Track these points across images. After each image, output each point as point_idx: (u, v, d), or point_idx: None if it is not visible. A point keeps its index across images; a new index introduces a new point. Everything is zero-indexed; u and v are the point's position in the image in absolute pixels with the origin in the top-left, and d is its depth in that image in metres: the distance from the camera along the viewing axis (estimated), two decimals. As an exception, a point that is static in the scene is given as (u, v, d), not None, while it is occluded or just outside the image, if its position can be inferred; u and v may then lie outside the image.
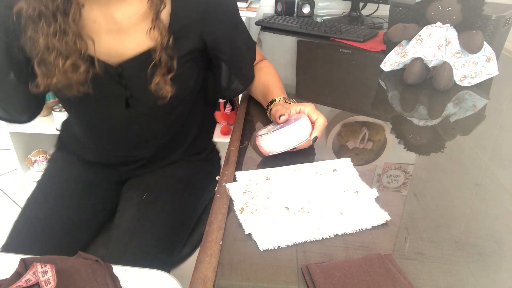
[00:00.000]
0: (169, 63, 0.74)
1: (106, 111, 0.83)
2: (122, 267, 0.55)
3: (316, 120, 0.74)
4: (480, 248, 0.55)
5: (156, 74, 0.74)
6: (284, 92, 0.89)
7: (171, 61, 0.74)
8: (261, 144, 0.72)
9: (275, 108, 0.80)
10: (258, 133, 0.75)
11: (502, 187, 0.69)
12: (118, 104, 0.81)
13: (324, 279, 0.48)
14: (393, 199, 0.65)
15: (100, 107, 0.82)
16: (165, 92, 0.75)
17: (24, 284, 0.49)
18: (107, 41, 0.73)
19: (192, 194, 0.96)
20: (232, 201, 0.63)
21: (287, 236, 0.55)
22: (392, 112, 0.96)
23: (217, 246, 0.55)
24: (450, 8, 1.00)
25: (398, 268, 0.51)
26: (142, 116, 0.84)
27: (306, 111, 0.76)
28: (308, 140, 0.72)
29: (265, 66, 0.97)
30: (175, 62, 0.74)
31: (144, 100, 0.80)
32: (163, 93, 0.75)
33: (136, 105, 0.81)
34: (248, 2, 1.66)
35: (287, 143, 0.71)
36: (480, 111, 0.96)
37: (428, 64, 1.06)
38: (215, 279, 0.50)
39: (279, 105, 0.81)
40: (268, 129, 0.76)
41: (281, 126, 0.73)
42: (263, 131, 0.76)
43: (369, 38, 1.47)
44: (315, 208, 0.61)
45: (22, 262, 0.53)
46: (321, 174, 0.69)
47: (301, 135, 0.71)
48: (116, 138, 0.89)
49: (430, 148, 0.80)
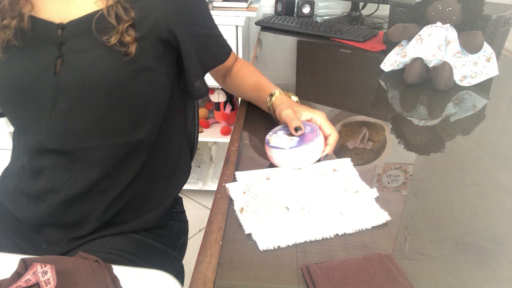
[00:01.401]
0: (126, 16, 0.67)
1: (33, 75, 0.69)
2: (122, 267, 0.55)
3: (329, 136, 0.72)
4: (480, 248, 0.55)
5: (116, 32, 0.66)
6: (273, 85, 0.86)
7: (128, 13, 0.67)
8: (273, 156, 0.70)
9: (285, 111, 0.75)
10: (270, 141, 0.72)
11: (502, 187, 0.69)
12: (46, 69, 0.68)
13: (324, 279, 0.48)
14: (393, 199, 0.65)
15: (28, 67, 0.69)
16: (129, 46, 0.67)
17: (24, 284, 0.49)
18: (53, 4, 0.69)
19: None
20: (232, 201, 0.63)
21: (287, 236, 0.55)
22: (392, 112, 0.96)
23: (217, 246, 0.55)
24: (450, 8, 1.00)
25: (398, 268, 0.51)
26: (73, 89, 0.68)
27: (318, 122, 0.74)
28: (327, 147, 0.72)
29: (245, 66, 0.91)
30: (132, 12, 0.67)
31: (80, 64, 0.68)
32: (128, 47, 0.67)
33: (67, 71, 0.68)
34: (248, 2, 1.66)
35: (301, 160, 0.70)
36: (480, 111, 0.96)
37: (428, 64, 1.06)
38: (215, 279, 0.50)
39: (284, 104, 0.77)
40: (278, 136, 0.73)
41: (298, 141, 0.70)
42: (274, 139, 0.72)
43: (369, 38, 1.47)
44: (315, 208, 0.61)
45: (22, 262, 0.53)
46: (321, 174, 0.69)
47: (315, 154, 0.70)
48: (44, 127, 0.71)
49: (430, 148, 0.80)
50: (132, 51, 0.67)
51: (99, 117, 0.70)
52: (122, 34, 0.66)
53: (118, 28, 0.66)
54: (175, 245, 0.88)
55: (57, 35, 0.68)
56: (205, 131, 1.97)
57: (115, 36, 0.66)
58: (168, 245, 0.85)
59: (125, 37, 0.67)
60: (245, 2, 1.62)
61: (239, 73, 0.90)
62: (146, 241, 0.80)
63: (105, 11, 0.66)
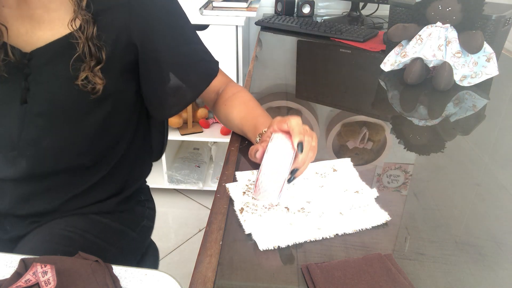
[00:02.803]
0: (98, 55, 0.66)
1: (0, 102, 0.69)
2: (122, 267, 0.55)
3: (288, 126, 0.62)
4: (480, 248, 0.55)
5: (84, 69, 0.65)
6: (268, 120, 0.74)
7: (100, 52, 0.66)
8: (261, 199, 0.61)
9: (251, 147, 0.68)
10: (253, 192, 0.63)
11: (502, 187, 0.69)
12: (13, 97, 0.68)
13: (324, 279, 0.48)
14: (393, 199, 0.65)
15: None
16: (97, 85, 0.66)
17: (24, 284, 0.49)
18: (18, 28, 0.66)
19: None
20: (232, 201, 0.63)
21: (287, 236, 0.55)
22: (392, 112, 0.96)
23: (217, 246, 0.55)
24: (450, 8, 1.00)
25: (398, 268, 0.51)
26: (40, 118, 0.69)
27: (275, 127, 0.64)
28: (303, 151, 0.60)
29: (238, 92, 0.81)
30: (103, 53, 0.66)
31: (46, 95, 0.67)
32: (95, 86, 0.66)
33: (34, 101, 0.68)
34: (248, 2, 1.66)
35: (278, 177, 0.59)
36: (480, 111, 0.96)
37: (428, 64, 1.06)
38: (215, 279, 0.50)
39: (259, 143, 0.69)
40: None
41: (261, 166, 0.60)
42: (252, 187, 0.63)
43: (369, 38, 1.47)
44: (315, 208, 0.61)
45: (22, 262, 0.53)
46: (321, 174, 0.68)
47: (284, 156, 0.59)
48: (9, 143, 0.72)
49: (430, 148, 0.80)
50: (99, 91, 0.67)
51: (67, 143, 0.72)
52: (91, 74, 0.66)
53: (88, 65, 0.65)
54: (135, 226, 0.89)
55: (23, 64, 0.66)
56: (205, 131, 1.97)
57: (83, 74, 0.65)
58: (126, 226, 0.86)
59: (94, 77, 0.66)
60: (245, 2, 1.62)
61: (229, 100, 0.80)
62: (102, 221, 0.81)
63: (80, 48, 0.64)
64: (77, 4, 0.64)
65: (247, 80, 1.11)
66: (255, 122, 0.73)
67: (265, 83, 1.10)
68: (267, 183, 0.59)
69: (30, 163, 0.72)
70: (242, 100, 0.79)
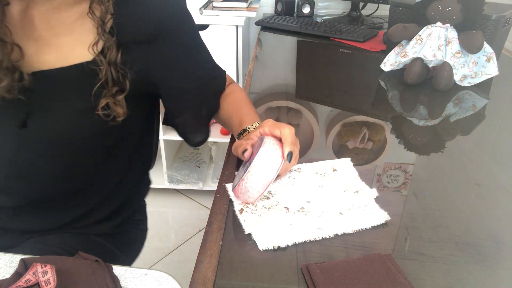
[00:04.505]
0: (121, 81, 0.62)
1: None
2: (122, 267, 0.55)
3: (280, 133, 0.63)
4: (480, 248, 0.55)
5: (105, 95, 0.62)
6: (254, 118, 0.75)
7: (124, 79, 0.62)
8: (240, 198, 0.62)
9: (237, 142, 0.69)
10: (232, 186, 0.64)
11: (502, 187, 0.69)
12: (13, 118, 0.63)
13: (324, 279, 0.48)
14: (393, 199, 0.65)
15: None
16: (117, 114, 0.63)
17: (24, 284, 0.49)
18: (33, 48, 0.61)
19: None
20: (232, 201, 0.63)
21: (287, 236, 0.55)
22: (392, 112, 0.96)
23: (217, 246, 0.55)
24: (450, 8, 1.00)
25: (398, 268, 0.51)
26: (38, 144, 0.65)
27: (266, 130, 0.65)
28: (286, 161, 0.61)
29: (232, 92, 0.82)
30: (127, 81, 0.63)
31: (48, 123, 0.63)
32: (116, 115, 0.63)
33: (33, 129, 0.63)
34: (248, 2, 1.66)
35: (264, 181, 0.60)
36: (480, 111, 0.96)
37: (428, 64, 1.06)
38: (215, 279, 0.50)
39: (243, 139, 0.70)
40: (238, 175, 0.64)
41: (247, 165, 0.62)
42: (236, 180, 0.64)
43: (369, 38, 1.47)
44: (315, 208, 0.61)
45: (22, 262, 0.53)
46: (321, 174, 0.68)
47: (273, 162, 0.60)
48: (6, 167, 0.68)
49: (430, 148, 0.80)
50: (119, 121, 0.63)
51: (65, 168, 0.68)
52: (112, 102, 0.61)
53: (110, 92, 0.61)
54: (127, 249, 0.87)
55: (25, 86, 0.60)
56: (205, 131, 1.97)
57: (104, 101, 0.61)
58: (119, 248, 0.84)
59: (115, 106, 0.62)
60: (245, 2, 1.62)
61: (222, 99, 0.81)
62: (97, 240, 0.79)
63: (102, 74, 0.60)
64: (100, 26, 0.59)
65: (247, 80, 1.11)
66: (242, 117, 0.74)
67: (265, 83, 1.10)
68: (251, 184, 0.60)
69: (26, 187, 0.69)
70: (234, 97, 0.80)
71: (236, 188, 0.61)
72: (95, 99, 0.62)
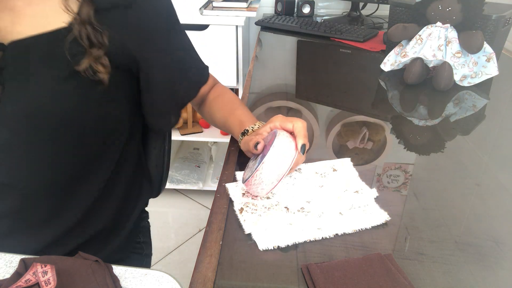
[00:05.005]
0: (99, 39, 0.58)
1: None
2: (122, 267, 0.55)
3: (293, 127, 0.64)
4: (480, 248, 0.55)
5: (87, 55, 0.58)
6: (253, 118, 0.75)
7: (101, 36, 0.58)
8: (252, 191, 0.62)
9: (247, 138, 0.69)
10: (244, 178, 0.64)
11: (502, 187, 0.69)
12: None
13: (324, 279, 0.48)
14: (393, 199, 0.65)
15: None
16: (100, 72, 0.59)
17: (24, 284, 0.49)
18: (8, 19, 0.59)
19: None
20: (232, 201, 0.63)
21: (287, 236, 0.55)
22: (392, 112, 0.96)
23: (217, 246, 0.55)
24: (450, 8, 1.00)
25: (398, 268, 0.51)
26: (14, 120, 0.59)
27: (277, 124, 0.66)
28: (299, 154, 0.62)
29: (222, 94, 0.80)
30: (105, 37, 0.58)
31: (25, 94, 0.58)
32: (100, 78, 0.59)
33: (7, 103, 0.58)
34: (248, 2, 1.66)
35: (278, 172, 0.60)
36: (480, 111, 0.96)
37: (428, 64, 1.06)
38: (215, 279, 0.50)
39: (252, 135, 0.69)
40: (250, 168, 0.64)
41: (260, 157, 0.62)
42: (247, 173, 0.64)
43: (369, 38, 1.47)
44: (315, 208, 0.61)
45: (22, 262, 0.53)
46: (321, 174, 0.69)
47: (287, 154, 0.61)
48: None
49: (430, 148, 0.80)
50: (105, 80, 0.59)
51: (45, 152, 0.62)
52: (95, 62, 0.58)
53: (91, 52, 0.58)
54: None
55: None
56: (205, 131, 1.97)
57: (85, 62, 0.57)
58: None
59: (96, 64, 0.58)
60: (245, 2, 1.62)
61: (214, 101, 0.80)
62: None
63: (77, 32, 0.57)
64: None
65: (247, 80, 1.11)
66: (241, 118, 0.74)
67: (265, 83, 1.10)
68: (266, 175, 0.60)
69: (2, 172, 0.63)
70: (227, 98, 0.79)
71: (250, 179, 0.60)
72: (75, 64, 0.58)
